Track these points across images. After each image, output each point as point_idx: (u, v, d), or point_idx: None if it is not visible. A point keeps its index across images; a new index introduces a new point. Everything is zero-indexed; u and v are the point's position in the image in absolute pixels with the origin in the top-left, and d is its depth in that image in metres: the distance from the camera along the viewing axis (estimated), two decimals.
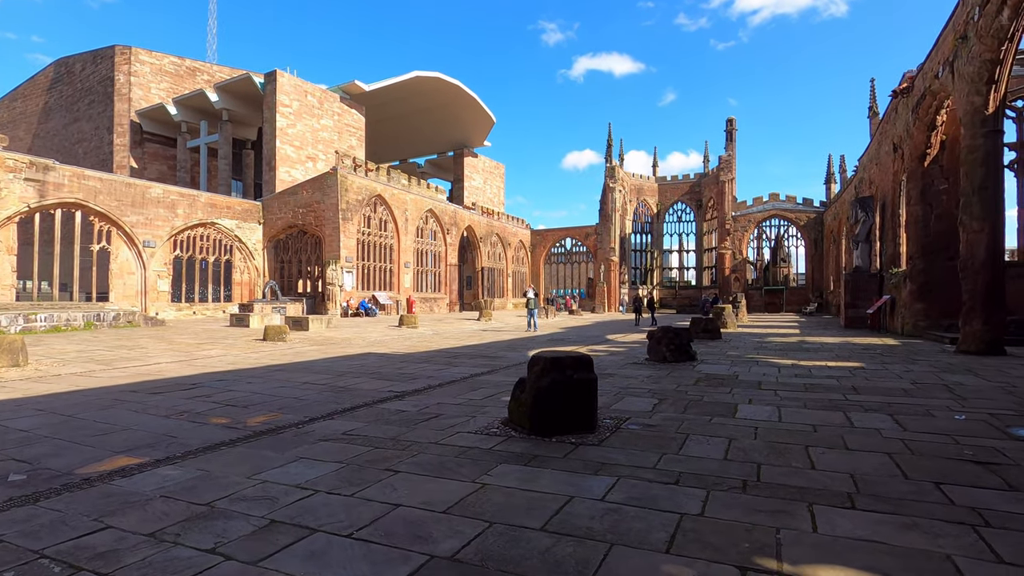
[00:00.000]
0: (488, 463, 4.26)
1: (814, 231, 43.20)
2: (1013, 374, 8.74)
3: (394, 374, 9.35)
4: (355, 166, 32.20)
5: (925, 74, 15.18)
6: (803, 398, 6.84)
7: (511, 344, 15.38)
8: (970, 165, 11.89)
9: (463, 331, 20.70)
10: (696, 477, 3.86)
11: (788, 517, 3.15)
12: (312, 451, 4.65)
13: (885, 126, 21.23)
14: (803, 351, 12.93)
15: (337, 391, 7.66)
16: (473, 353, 12.83)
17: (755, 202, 46.06)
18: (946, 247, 16.78)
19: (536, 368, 5.11)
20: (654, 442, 4.82)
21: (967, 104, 11.89)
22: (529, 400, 5.06)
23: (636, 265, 53.58)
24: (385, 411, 6.30)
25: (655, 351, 10.81)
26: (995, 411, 6.00)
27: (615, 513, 3.23)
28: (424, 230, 38.23)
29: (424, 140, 52.92)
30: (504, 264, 49.29)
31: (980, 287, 11.56)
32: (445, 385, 8.19)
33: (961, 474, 3.88)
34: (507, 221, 50.26)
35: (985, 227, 11.57)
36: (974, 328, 11.66)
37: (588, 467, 4.13)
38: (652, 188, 53.73)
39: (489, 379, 8.79)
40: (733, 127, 45.99)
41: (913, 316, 16.89)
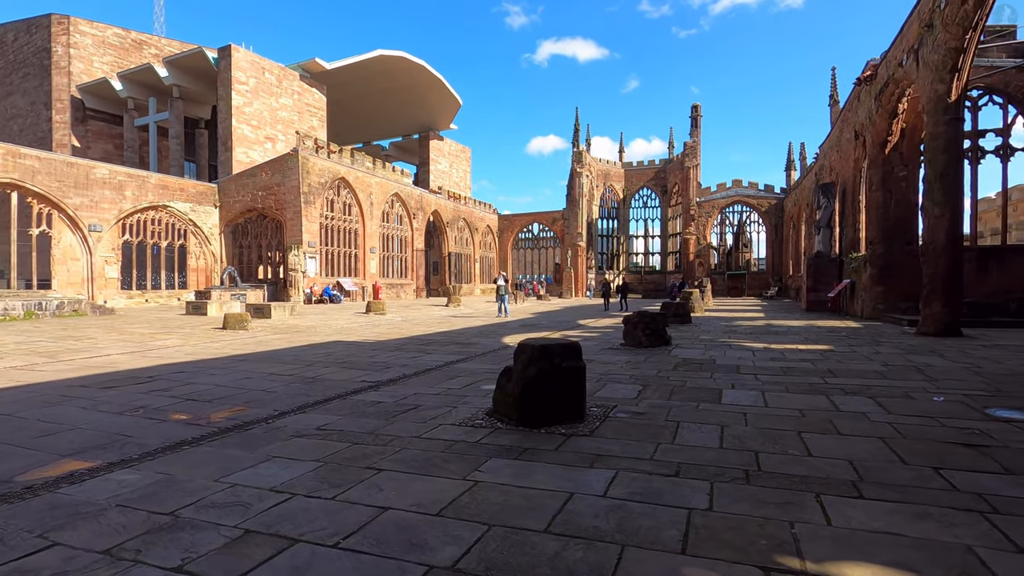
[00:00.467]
0: (477, 458, 4.02)
1: (775, 217, 44.28)
2: (976, 355, 9.04)
3: (366, 363, 8.99)
4: (317, 148, 31.07)
5: (889, 62, 15.49)
6: (783, 382, 6.85)
7: (483, 330, 15.13)
8: (932, 152, 12.19)
9: (432, 317, 20.32)
10: (696, 468, 3.72)
11: (799, 509, 3.03)
12: (285, 449, 4.32)
13: (847, 114, 21.71)
14: (772, 334, 13.14)
15: (307, 382, 7.27)
16: (445, 340, 12.53)
17: (719, 188, 46.85)
18: (904, 232, 17.35)
19: (523, 357, 4.88)
20: (646, 431, 4.68)
21: (931, 92, 12.15)
22: (517, 390, 4.83)
23: (603, 250, 53.91)
24: (360, 403, 5.98)
25: (631, 336, 10.76)
26: (969, 392, 6.12)
27: (620, 510, 3.05)
28: (390, 214, 37.38)
29: (388, 122, 51.57)
30: (471, 249, 48.82)
31: (940, 271, 11.93)
32: (421, 374, 7.89)
33: (956, 458, 3.86)
34: (474, 206, 49.70)
35: (946, 213, 11.91)
36: (934, 311, 12.05)
37: (583, 460, 3.94)
38: (618, 173, 53.96)
39: (465, 367, 8.53)
40: (698, 113, 46.46)
41: (873, 299, 17.43)
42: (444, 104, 49.93)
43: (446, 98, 49.03)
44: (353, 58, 39.48)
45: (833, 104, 29.98)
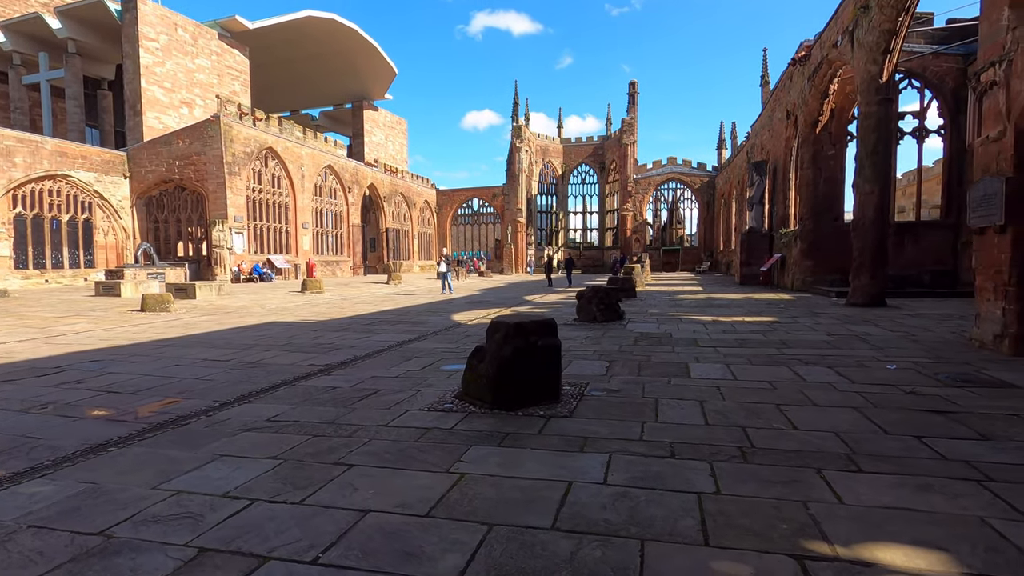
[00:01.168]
0: (456, 446, 3.69)
1: (706, 194, 45.89)
2: (906, 323, 9.60)
3: (310, 345, 8.36)
4: (241, 114, 28.82)
5: (823, 43, 16.04)
6: (743, 354, 6.93)
7: (430, 308, 14.64)
8: (864, 131, 12.76)
9: (374, 296, 19.53)
10: (690, 447, 3.57)
11: (806, 487, 2.93)
12: (234, 446, 3.80)
13: (779, 94, 22.49)
14: (716, 307, 13.51)
15: (247, 368, 6.62)
16: (392, 319, 11.98)
17: (654, 165, 47.88)
18: (832, 208, 18.30)
19: (498, 335, 4.55)
20: (627, 409, 4.51)
21: (864, 73, 12.65)
22: (491, 371, 4.51)
23: (542, 226, 54.04)
24: (312, 389, 5.47)
25: (585, 311, 10.67)
26: (915, 359, 6.41)
27: (626, 498, 2.83)
28: (323, 188, 35.53)
29: (318, 90, 48.71)
30: (410, 225, 47.53)
31: (869, 244, 12.61)
32: (373, 355, 7.41)
33: (932, 426, 3.93)
34: (412, 180, 48.23)
35: (875, 189, 12.54)
36: (862, 282, 12.76)
37: (571, 444, 3.70)
38: (557, 149, 53.94)
39: (420, 347, 8.11)
40: (635, 91, 47.00)
41: (802, 272, 18.35)
42: (378, 72, 47.70)
43: (380, 66, 46.84)
44: (279, 18, 36.73)
45: (764, 85, 31.12)
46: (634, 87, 47.05)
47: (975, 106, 7.07)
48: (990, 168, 6.72)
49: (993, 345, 6.71)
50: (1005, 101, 6.38)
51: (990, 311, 6.79)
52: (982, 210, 6.78)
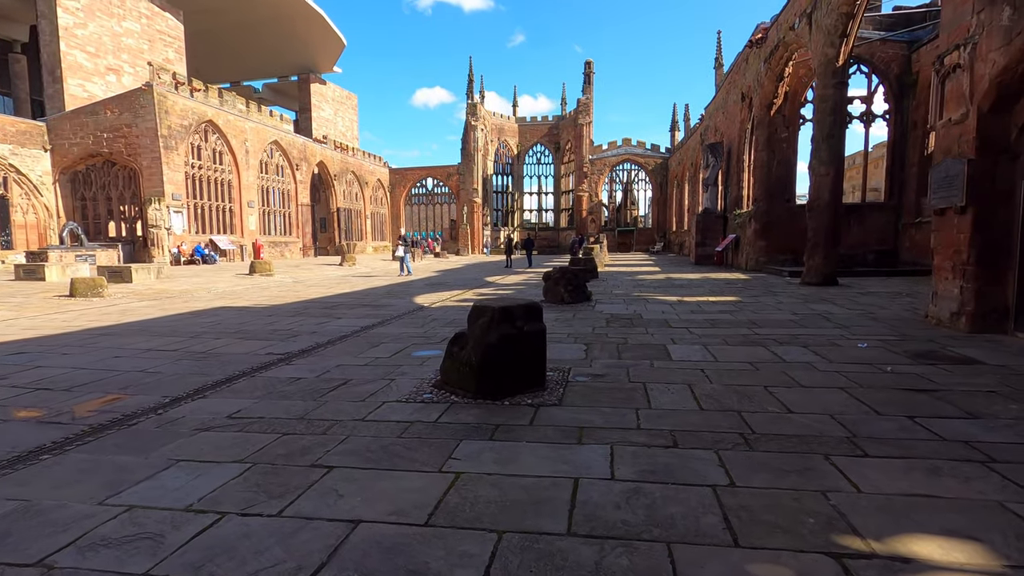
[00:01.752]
0: (445, 442, 3.42)
1: (660, 175, 46.57)
2: (861, 302, 9.92)
3: (265, 331, 7.83)
4: (177, 84, 26.84)
5: (780, 25, 16.24)
6: (717, 335, 6.92)
7: (390, 291, 14.14)
8: (821, 114, 13.03)
9: (328, 278, 18.77)
10: (691, 435, 3.43)
11: (819, 476, 2.83)
12: (192, 448, 3.39)
13: (734, 76, 22.79)
14: (677, 287, 13.65)
15: (198, 358, 6.08)
16: (352, 302, 11.46)
17: (609, 146, 48.12)
18: (784, 190, 18.79)
19: (482, 320, 4.27)
20: (616, 396, 4.34)
21: (822, 56, 12.87)
22: (476, 359, 4.24)
23: (498, 207, 53.57)
24: (274, 380, 5.04)
25: (553, 292, 10.50)
26: (880, 337, 6.56)
27: (640, 495, 2.64)
28: (269, 165, 33.79)
29: (261, 60, 46.06)
30: (362, 205, 46.08)
31: (823, 225, 12.97)
32: (336, 342, 6.98)
33: (919, 405, 3.95)
34: (364, 158, 46.64)
35: (831, 172, 12.87)
36: (816, 262, 13.16)
37: (567, 435, 3.49)
38: (513, 129, 53.33)
39: (385, 332, 7.72)
40: (591, 70, 46.82)
41: (756, 253, 18.84)
42: (326, 43, 45.50)
43: (328, 36, 44.66)
44: None
45: (718, 67, 31.56)
46: (589, 67, 46.85)
47: (938, 88, 7.19)
48: (951, 150, 6.89)
49: (950, 323, 6.95)
50: (969, 84, 6.51)
51: (948, 290, 7.02)
52: (943, 191, 6.96)
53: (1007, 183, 6.42)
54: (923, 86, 17.00)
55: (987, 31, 6.24)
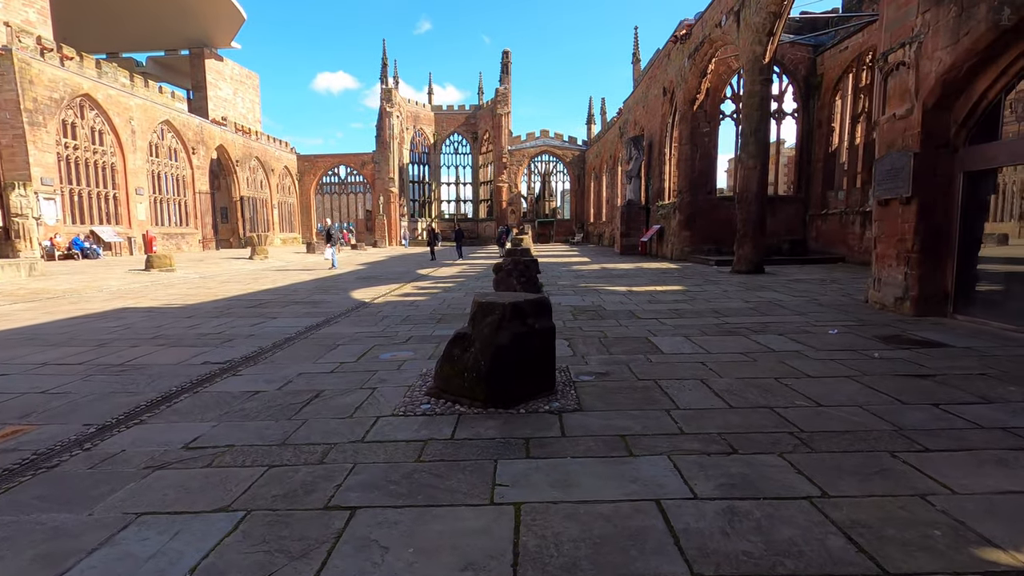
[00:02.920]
0: (477, 464, 2.91)
1: (577, 167, 47.45)
2: (799, 288, 10.43)
3: (190, 336, 6.76)
4: (43, 49, 23.19)
5: (705, 22, 16.79)
6: (691, 325, 6.86)
7: (319, 285, 13.04)
8: (749, 109, 13.58)
9: (242, 273, 17.09)
10: (743, 438, 3.18)
11: (902, 477, 2.66)
12: (152, 496, 2.63)
13: (655, 71, 23.45)
14: (618, 277, 13.74)
15: (115, 372, 5.04)
16: (281, 300, 10.37)
17: (528, 137, 48.27)
18: (706, 183, 19.61)
19: (491, 319, 3.77)
20: (635, 396, 4.03)
21: (750, 53, 13.39)
22: (485, 362, 3.73)
23: (415, 197, 52.14)
24: (227, 396, 4.23)
25: (505, 284, 10.05)
26: (842, 323, 6.79)
27: (739, 517, 2.32)
28: (160, 147, 30.34)
29: (144, 29, 41.15)
30: (268, 193, 42.87)
31: (752, 216, 13.58)
32: (284, 346, 6.13)
33: (932, 391, 3.99)
34: (269, 143, 43.34)
35: (758, 164, 13.48)
36: (746, 251, 13.77)
37: (612, 446, 3.11)
38: (429, 117, 52.02)
39: (336, 332, 6.94)
40: (508, 60, 46.61)
41: (681, 243, 19.54)
42: (221, 14, 41.51)
43: (223, 6, 40.76)
44: None
45: (636, 62, 32.48)
46: (507, 56, 46.62)
47: (881, 85, 7.56)
48: (896, 144, 7.28)
49: (895, 307, 7.38)
50: (914, 81, 6.87)
51: (892, 276, 7.44)
52: (888, 183, 7.35)
53: (947, 175, 6.86)
54: (827, 88, 18.37)
55: (932, 30, 6.59)
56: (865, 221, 15.99)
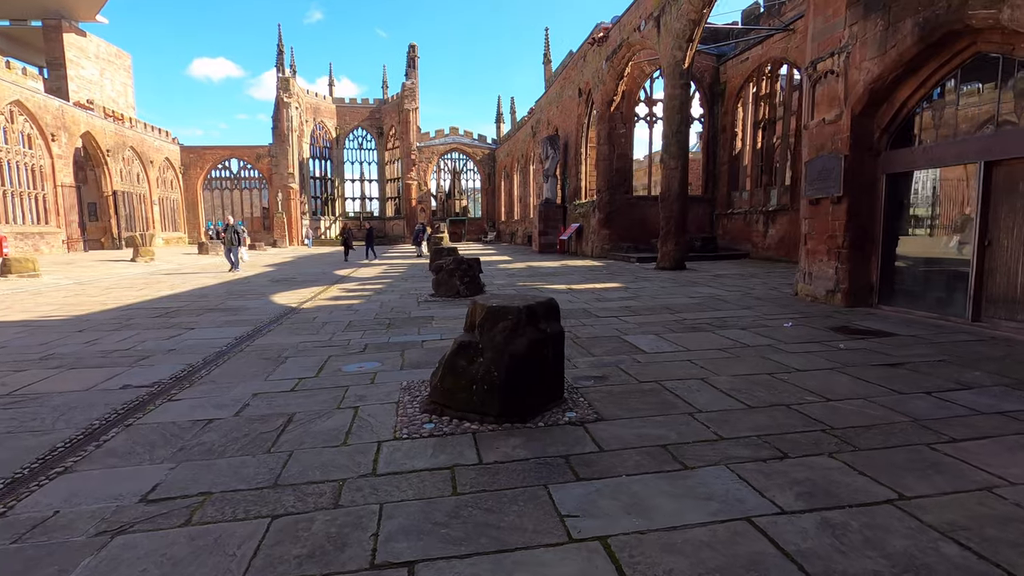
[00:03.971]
0: (527, 492, 2.55)
1: (488, 166, 47.40)
2: (728, 284, 10.96)
3: (91, 354, 5.68)
4: None
5: (623, 26, 17.27)
6: (654, 322, 6.87)
7: (230, 290, 11.72)
8: (670, 111, 14.12)
9: (128, 277, 15.02)
10: (785, 441, 3.09)
11: (956, 471, 2.68)
12: (124, 574, 2.00)
13: (570, 72, 23.86)
14: (550, 275, 13.72)
15: (6, 405, 4.02)
16: (191, 307, 9.14)
17: (437, 134, 47.43)
18: (623, 182, 20.25)
19: (503, 324, 3.40)
20: (648, 400, 3.84)
21: (670, 57, 13.92)
22: (499, 373, 3.35)
23: (317, 194, 49.35)
24: (174, 429, 3.49)
25: (447, 285, 9.61)
26: (790, 316, 7.14)
27: (843, 532, 2.17)
28: (9, 133, 26.00)
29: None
30: (147, 188, 38.41)
31: (675, 215, 14.15)
32: (218, 362, 5.29)
33: (914, 380, 4.19)
34: (146, 131, 38.82)
35: (679, 165, 14.07)
36: (669, 248, 14.33)
37: (661, 460, 2.88)
38: (330, 109, 49.45)
39: (276, 343, 6.15)
40: (415, 54, 45.43)
41: (601, 241, 20.03)
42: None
43: None
44: None
45: (547, 63, 32.92)
46: (414, 50, 45.42)
47: (809, 91, 8.07)
48: (826, 147, 7.79)
49: (826, 299, 7.91)
50: (844, 88, 7.38)
51: (823, 271, 7.97)
52: (819, 183, 7.85)
53: (871, 177, 7.44)
54: (730, 95, 19.68)
55: (860, 42, 7.11)
56: (768, 220, 17.32)
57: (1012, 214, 5.79)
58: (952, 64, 6.34)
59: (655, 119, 21.63)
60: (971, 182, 6.31)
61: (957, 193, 6.66)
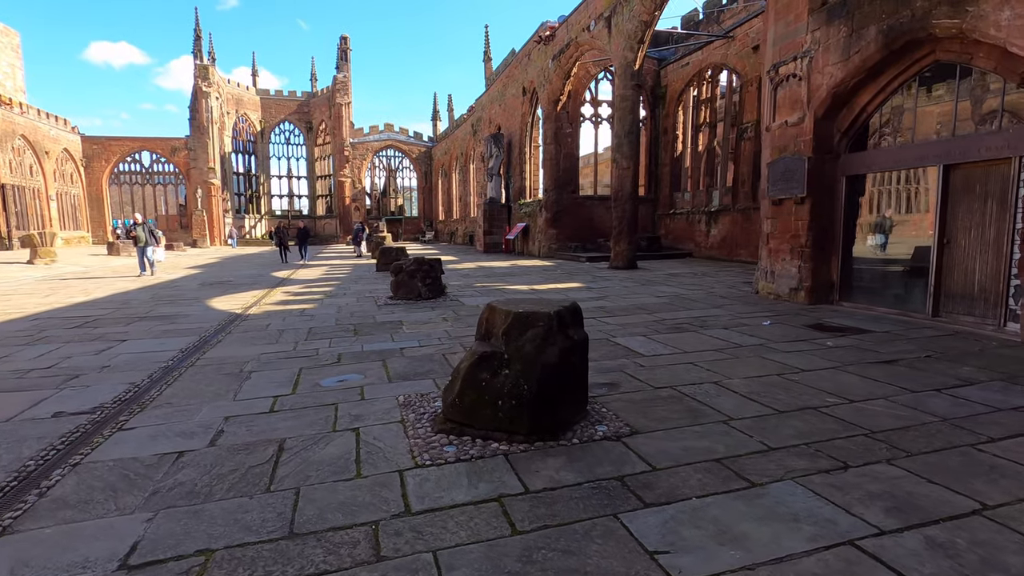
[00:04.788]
0: (603, 527, 2.25)
1: (424, 164, 46.43)
2: (686, 283, 11.11)
3: (6, 375, 4.80)
4: None
5: (571, 25, 17.26)
6: (636, 323, 6.75)
7: (157, 295, 10.57)
8: (622, 112, 14.23)
9: (29, 282, 13.29)
10: (834, 448, 2.96)
11: (1015, 473, 2.63)
12: None
13: (513, 71, 23.67)
14: (505, 275, 13.44)
15: None
16: (115, 316, 8.10)
17: (371, 131, 45.90)
18: (570, 182, 20.30)
19: (533, 332, 3.07)
20: (674, 409, 3.64)
21: (622, 59, 14.02)
22: (530, 386, 3.02)
23: (240, 191, 46.43)
24: (136, 467, 2.90)
25: (408, 287, 9.09)
26: (763, 314, 7.24)
27: (953, 552, 2.03)
28: None
29: None
30: (42, 182, 34.51)
31: (627, 214, 14.28)
32: (168, 379, 4.60)
33: (917, 377, 4.25)
34: (40, 118, 34.88)
35: (631, 165, 14.20)
36: (622, 248, 14.44)
37: (723, 477, 2.66)
38: (254, 101, 46.70)
39: (232, 355, 5.47)
40: (347, 46, 43.75)
41: (548, 240, 19.98)
42: None
43: None
44: None
45: (487, 60, 32.51)
46: (346, 42, 43.71)
47: (771, 94, 8.26)
48: (788, 148, 7.99)
49: (789, 297, 8.12)
50: (807, 92, 7.59)
51: (786, 269, 8.19)
52: (782, 184, 8.05)
53: (831, 178, 7.71)
54: (671, 99, 20.21)
55: (823, 47, 7.33)
56: (710, 220, 17.92)
57: (969, 214, 6.13)
58: (911, 71, 6.64)
59: (600, 120, 21.86)
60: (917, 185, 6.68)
61: (902, 196, 7.05)
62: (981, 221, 6.00)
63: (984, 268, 5.98)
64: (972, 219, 6.10)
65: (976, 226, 6.06)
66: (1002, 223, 5.77)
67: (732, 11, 17.16)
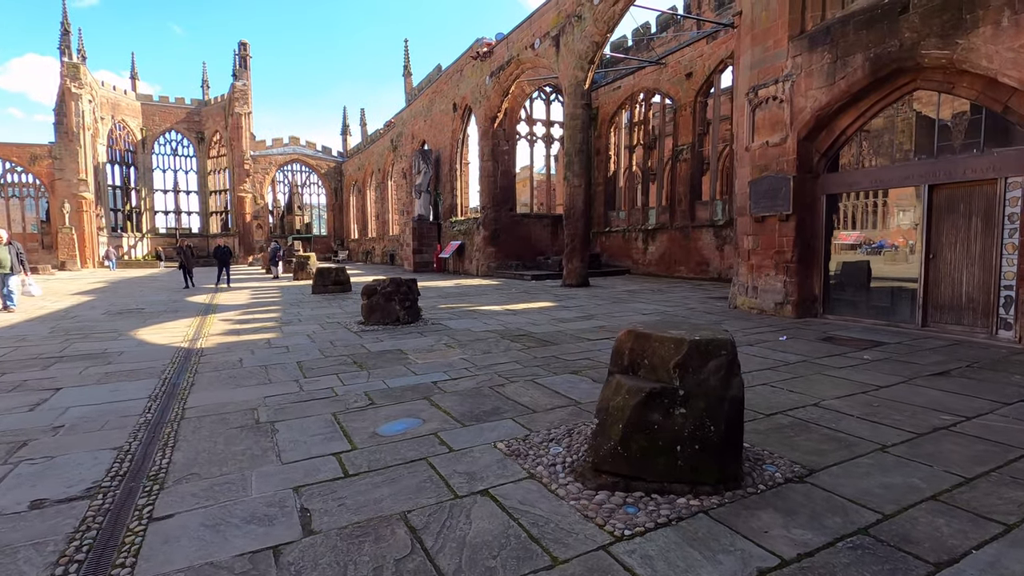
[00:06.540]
0: None
1: (334, 180, 44.21)
2: (655, 299, 11.16)
3: None
4: None
5: (512, 43, 17.16)
6: None
7: (58, 328, 8.73)
8: (572, 130, 14.28)
9: None
10: (977, 469, 2.80)
11: None
12: None
13: (443, 86, 23.18)
14: (463, 295, 12.79)
15: None
16: (17, 358, 6.50)
17: (275, 143, 43.00)
18: (507, 200, 20.09)
19: (715, 362, 2.65)
20: (809, 438, 3.34)
21: (572, 77, 14.10)
22: (718, 427, 2.57)
23: (117, 206, 41.26)
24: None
25: (385, 311, 8.22)
26: (748, 330, 7.30)
27: None
28: None
29: None
30: None
31: (579, 232, 14.26)
32: (166, 439, 3.59)
33: (980, 389, 4.32)
34: None
35: (582, 183, 14.25)
36: (575, 266, 14.36)
37: (970, 523, 2.37)
38: (134, 108, 42.09)
39: (223, 401, 4.45)
40: (247, 53, 40.77)
41: (487, 258, 19.54)
42: None
43: None
44: None
45: (407, 75, 31.66)
46: (245, 48, 40.73)
47: (749, 115, 8.54)
48: (770, 167, 8.27)
49: (775, 311, 8.34)
50: (790, 114, 7.91)
51: (771, 284, 8.41)
52: (766, 201, 8.30)
53: (811, 197, 8.06)
54: (603, 120, 20.77)
55: (805, 72, 7.68)
56: (648, 238, 18.48)
57: (953, 230, 6.59)
58: (891, 98, 7.11)
59: (535, 138, 22.00)
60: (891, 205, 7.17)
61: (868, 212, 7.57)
62: (966, 237, 6.47)
63: (971, 280, 6.43)
64: (957, 235, 6.57)
65: (961, 241, 6.52)
66: (988, 239, 6.25)
67: (662, 39, 18.05)
